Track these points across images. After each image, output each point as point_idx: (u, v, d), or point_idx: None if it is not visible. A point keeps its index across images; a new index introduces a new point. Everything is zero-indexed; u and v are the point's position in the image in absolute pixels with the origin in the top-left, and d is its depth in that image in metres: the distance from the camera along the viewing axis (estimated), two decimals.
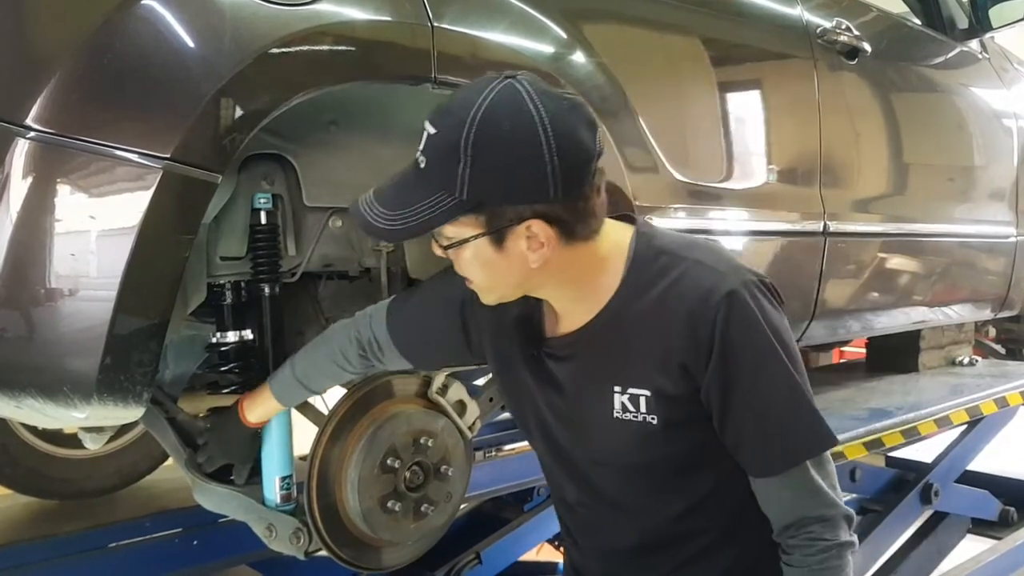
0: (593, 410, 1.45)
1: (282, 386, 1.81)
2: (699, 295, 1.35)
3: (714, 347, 1.34)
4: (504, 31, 1.90)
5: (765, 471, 1.40)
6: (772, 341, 1.35)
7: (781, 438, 1.37)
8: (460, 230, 1.32)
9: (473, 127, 1.24)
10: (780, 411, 1.37)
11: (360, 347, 1.76)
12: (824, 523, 1.38)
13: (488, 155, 1.24)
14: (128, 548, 2.56)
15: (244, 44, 1.48)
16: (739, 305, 1.34)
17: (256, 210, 1.83)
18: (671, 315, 1.36)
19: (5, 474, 2.76)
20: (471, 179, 1.25)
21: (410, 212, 1.30)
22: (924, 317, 3.56)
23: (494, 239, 1.31)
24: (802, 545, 1.38)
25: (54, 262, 1.35)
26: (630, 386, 1.40)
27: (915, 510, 3.80)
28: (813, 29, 2.84)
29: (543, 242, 1.31)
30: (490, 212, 1.29)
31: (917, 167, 3.37)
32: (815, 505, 1.38)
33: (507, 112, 1.25)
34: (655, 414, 1.39)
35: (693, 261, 1.39)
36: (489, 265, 1.35)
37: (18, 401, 1.39)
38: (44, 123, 1.32)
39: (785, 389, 1.37)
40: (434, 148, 1.28)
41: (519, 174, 1.26)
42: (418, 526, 1.89)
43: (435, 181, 1.28)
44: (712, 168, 2.50)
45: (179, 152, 1.39)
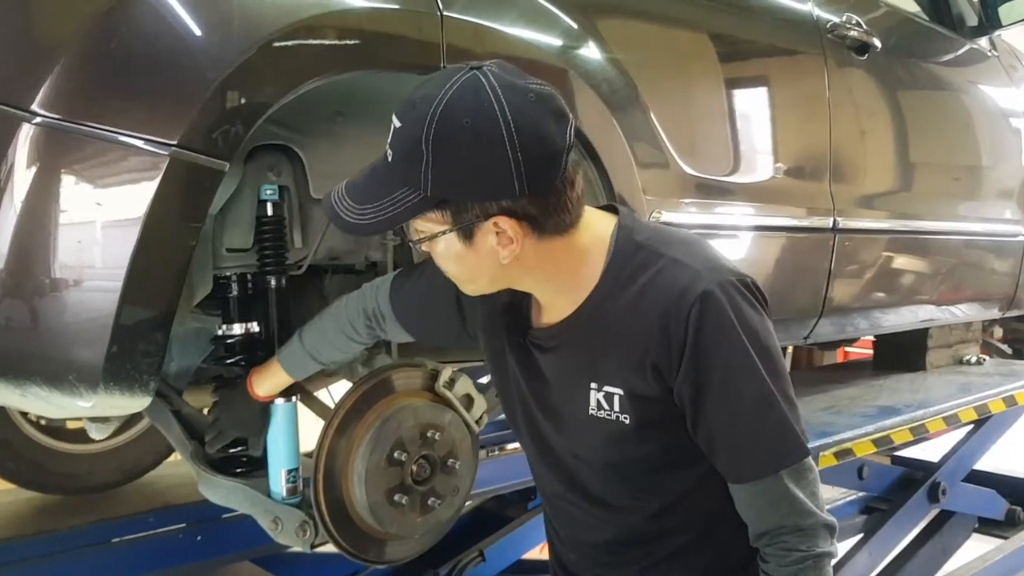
0: (572, 405, 1.43)
1: (291, 358, 1.81)
2: (673, 295, 1.31)
3: (686, 349, 1.30)
4: (514, 21, 1.89)
5: (737, 478, 1.36)
6: (746, 346, 1.31)
7: (752, 447, 1.34)
8: (428, 226, 1.30)
9: (433, 123, 1.19)
10: (750, 420, 1.33)
11: (367, 317, 1.76)
12: (800, 533, 1.34)
13: (448, 152, 1.21)
14: (131, 543, 2.56)
15: (251, 31, 1.47)
16: (713, 307, 1.29)
17: (262, 202, 1.82)
18: (646, 315, 1.32)
19: (8, 469, 2.75)
20: (434, 176, 1.22)
21: (377, 207, 1.27)
22: (932, 316, 3.54)
23: (462, 234, 1.28)
24: (777, 555, 1.35)
25: (60, 250, 1.34)
26: (605, 384, 1.38)
27: (922, 508, 3.79)
28: (823, 24, 2.82)
29: (512, 238, 1.28)
30: (455, 208, 1.26)
31: (926, 164, 3.36)
32: (790, 514, 1.34)
33: (467, 107, 1.20)
34: (628, 414, 1.36)
35: (670, 259, 1.35)
36: (461, 259, 1.33)
37: (24, 390, 1.38)
38: (50, 109, 1.31)
39: (756, 397, 1.32)
40: (399, 142, 1.25)
41: (482, 171, 1.22)
42: (425, 519, 1.87)
43: (400, 176, 1.26)
44: (723, 163, 2.49)
45: (186, 139, 1.38)
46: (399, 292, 1.73)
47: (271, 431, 1.87)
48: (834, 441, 2.85)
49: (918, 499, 3.74)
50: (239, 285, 1.88)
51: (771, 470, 1.33)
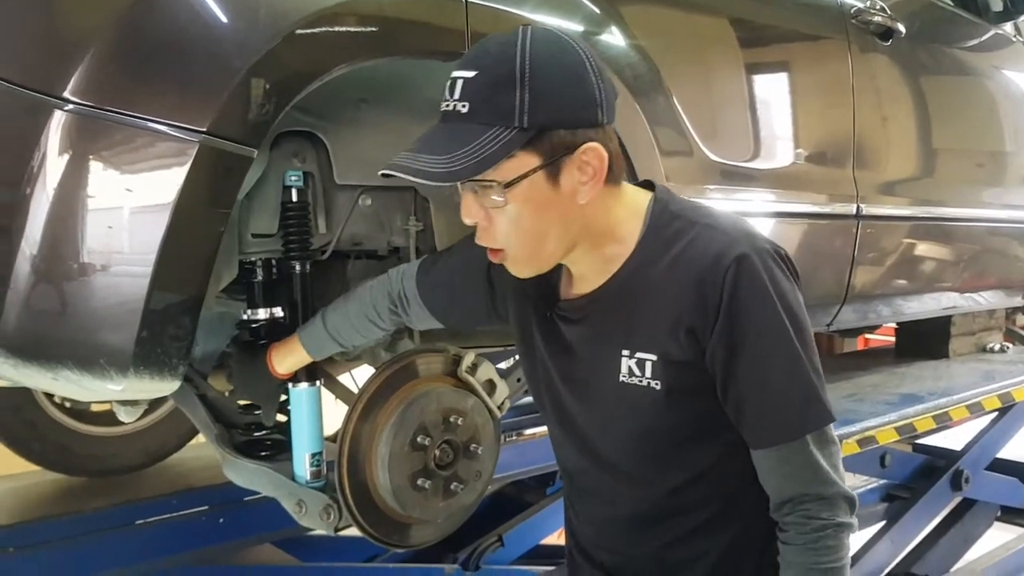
0: (601, 373, 1.44)
1: (312, 337, 1.82)
2: (710, 259, 1.33)
3: (720, 311, 1.31)
4: (537, 7, 1.89)
5: (763, 442, 1.37)
6: (779, 310, 1.32)
7: (780, 410, 1.35)
8: (520, 165, 1.27)
9: (526, 55, 1.24)
10: (780, 382, 1.34)
11: (391, 301, 1.77)
12: (821, 501, 1.35)
13: (544, 79, 1.24)
14: (155, 525, 2.58)
15: (278, 19, 1.48)
16: (749, 270, 1.31)
17: (287, 188, 1.83)
18: (682, 279, 1.34)
19: (33, 451, 2.78)
20: (531, 104, 1.24)
21: (467, 152, 1.25)
22: (955, 303, 3.52)
23: (550, 172, 1.28)
24: (797, 523, 1.36)
25: (91, 236, 1.35)
26: (638, 350, 1.38)
27: (945, 496, 3.79)
28: (848, 10, 2.81)
29: (595, 170, 1.30)
30: (548, 140, 1.27)
31: (949, 151, 3.34)
32: (813, 483, 1.35)
33: (550, 41, 1.28)
34: (660, 379, 1.37)
35: (705, 225, 1.38)
36: (541, 208, 1.31)
37: (55, 373, 1.39)
38: (82, 96, 1.31)
39: (787, 360, 1.34)
40: (479, 87, 1.26)
41: (574, 96, 1.27)
42: (447, 504, 1.88)
43: (487, 117, 1.25)
44: (746, 149, 2.48)
45: (215, 126, 1.39)
46: (426, 275, 1.75)
47: (295, 415, 1.88)
48: (857, 429, 2.85)
49: (940, 487, 3.74)
50: (264, 270, 1.89)
51: (798, 433, 1.34)
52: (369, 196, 1.99)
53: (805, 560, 1.35)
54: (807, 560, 1.35)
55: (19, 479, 2.92)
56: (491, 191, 1.29)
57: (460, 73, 1.28)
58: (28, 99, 1.31)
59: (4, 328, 1.34)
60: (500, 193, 1.29)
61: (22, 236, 1.32)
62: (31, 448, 2.77)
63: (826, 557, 1.34)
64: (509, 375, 2.05)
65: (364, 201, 1.98)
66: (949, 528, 3.90)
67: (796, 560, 1.36)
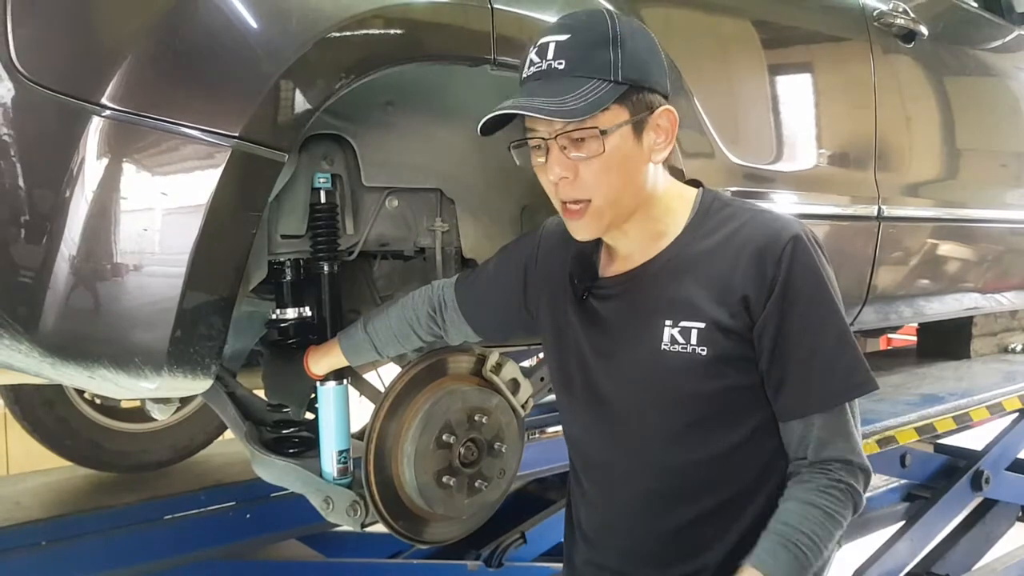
0: (636, 344, 1.49)
1: (351, 341, 1.86)
2: (768, 235, 1.42)
3: (777, 283, 1.40)
4: (561, 11, 1.89)
5: (805, 409, 1.43)
6: (828, 285, 1.42)
7: (828, 375, 1.42)
8: (610, 117, 1.38)
9: (616, 21, 1.40)
10: (831, 349, 1.42)
11: (431, 307, 1.82)
12: (847, 466, 1.42)
13: (633, 42, 1.39)
14: (183, 520, 2.62)
15: (309, 25, 1.50)
16: (803, 248, 1.41)
17: (316, 189, 1.86)
18: (737, 251, 1.43)
19: (65, 447, 2.83)
20: (624, 62, 1.37)
21: (576, 95, 1.35)
22: (976, 304, 3.52)
23: (636, 127, 1.41)
24: (817, 473, 1.43)
25: (127, 238, 1.38)
26: (683, 319, 1.45)
27: (965, 497, 3.77)
28: (870, 12, 2.81)
29: (667, 133, 1.44)
30: (635, 98, 1.39)
31: (972, 152, 3.33)
32: (844, 449, 1.43)
33: (628, 17, 1.45)
34: (706, 346, 1.43)
35: (758, 211, 1.49)
36: (626, 161, 1.41)
37: (92, 371, 1.42)
38: (119, 102, 1.34)
39: (836, 329, 1.43)
40: (573, 47, 1.38)
41: (655, 62, 1.43)
42: (472, 501, 1.91)
43: (586, 71, 1.37)
44: (767, 151, 2.49)
45: (247, 131, 1.42)
46: (464, 281, 1.82)
47: (323, 413, 1.91)
48: (877, 428, 2.85)
49: (961, 487, 3.73)
50: (292, 270, 1.92)
51: (843, 398, 1.43)
52: (396, 197, 2.02)
53: (808, 497, 1.41)
54: (810, 497, 1.41)
55: (51, 474, 2.98)
56: (584, 142, 1.39)
57: (552, 37, 1.40)
58: (67, 105, 1.34)
59: (43, 328, 1.37)
60: (598, 140, 1.38)
61: (61, 238, 1.35)
62: (63, 444, 2.82)
63: (828, 502, 1.40)
64: (533, 374, 2.07)
65: (391, 202, 2.02)
66: (970, 528, 3.88)
67: (799, 495, 1.42)
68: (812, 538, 1.38)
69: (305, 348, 1.91)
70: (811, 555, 1.38)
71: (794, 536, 1.38)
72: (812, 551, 1.38)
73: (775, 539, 1.39)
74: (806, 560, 1.37)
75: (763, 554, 1.39)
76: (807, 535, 1.38)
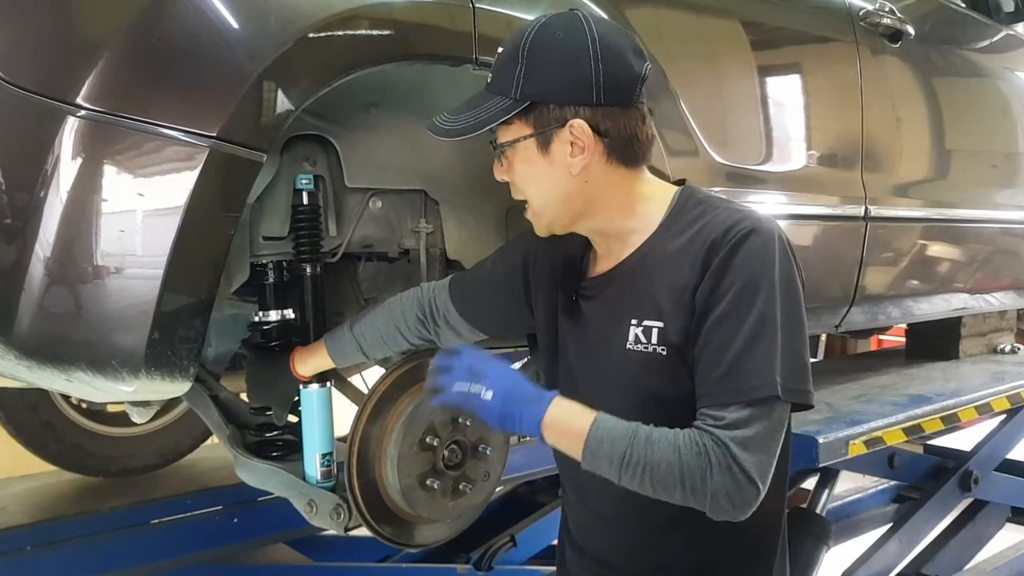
0: (609, 343, 1.49)
1: (337, 342, 1.85)
2: (724, 228, 1.40)
3: (715, 264, 1.37)
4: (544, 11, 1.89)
5: (700, 400, 1.37)
6: (773, 277, 1.36)
7: (732, 370, 1.34)
8: (512, 132, 1.43)
9: (532, 33, 1.40)
10: (744, 341, 1.34)
11: (420, 311, 1.81)
12: (721, 448, 1.32)
13: (540, 56, 1.39)
14: (169, 524, 2.62)
15: (289, 24, 1.50)
16: (755, 239, 1.37)
17: (298, 191, 1.85)
18: (697, 248, 1.41)
19: (51, 451, 2.82)
20: (524, 78, 1.39)
21: (470, 115, 1.43)
22: (965, 304, 3.51)
23: (541, 141, 1.42)
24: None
25: (103, 239, 1.37)
26: (645, 318, 1.44)
27: (954, 498, 3.77)
28: (856, 11, 2.81)
29: (584, 146, 1.41)
30: (538, 113, 1.41)
31: (960, 152, 3.33)
32: (732, 441, 1.32)
33: (562, 25, 1.41)
34: (665, 345, 1.42)
35: (727, 207, 1.46)
36: (538, 173, 1.45)
37: (68, 375, 1.41)
38: (94, 102, 1.34)
39: (759, 323, 1.34)
40: (498, 60, 1.45)
41: (567, 75, 1.39)
42: (456, 504, 1.90)
43: (495, 88, 1.43)
44: (752, 151, 2.49)
45: (225, 131, 1.41)
46: (459, 282, 1.81)
47: (305, 416, 1.90)
48: (865, 429, 2.84)
49: (950, 488, 3.72)
50: (275, 272, 1.91)
51: (741, 397, 1.33)
52: (379, 198, 2.01)
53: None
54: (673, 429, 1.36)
55: (36, 479, 2.96)
56: (504, 153, 1.46)
57: (499, 49, 1.47)
58: (42, 105, 1.33)
59: (18, 330, 1.36)
60: (500, 154, 1.47)
61: (35, 240, 1.34)
62: (48, 448, 2.80)
63: (683, 438, 1.33)
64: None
65: (374, 203, 2.01)
66: (960, 529, 3.87)
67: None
68: (650, 438, 1.34)
69: (288, 350, 1.90)
70: (636, 443, 1.34)
71: (640, 427, 1.35)
72: (639, 443, 1.33)
73: (630, 423, 1.37)
74: (628, 441, 1.34)
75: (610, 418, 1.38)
76: (650, 433, 1.34)
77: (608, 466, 1.37)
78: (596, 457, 1.37)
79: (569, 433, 1.40)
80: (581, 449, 1.38)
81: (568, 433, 1.40)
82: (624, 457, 1.35)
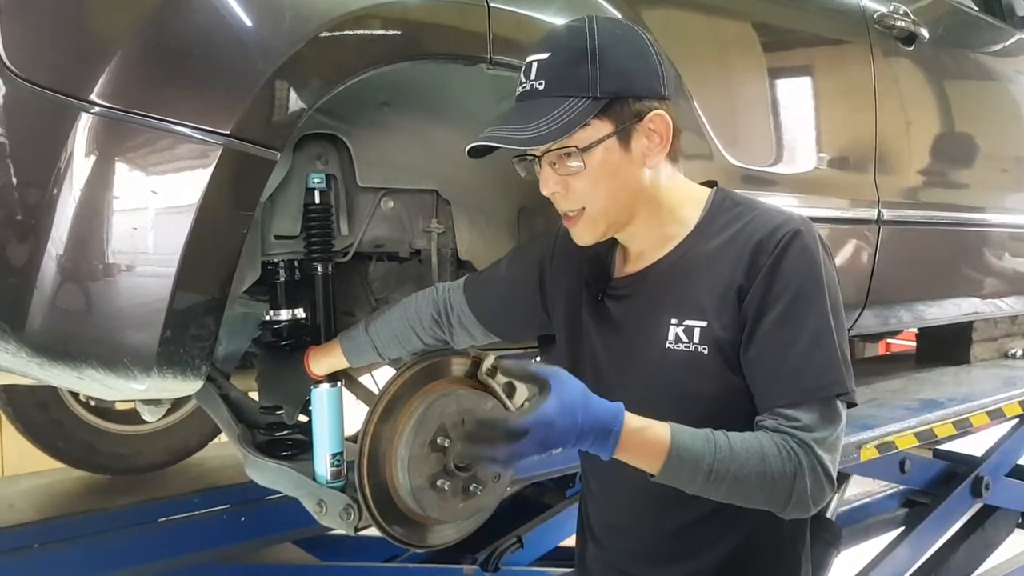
0: (645, 342, 1.49)
1: (352, 341, 1.85)
2: (768, 228, 1.41)
3: (765, 267, 1.38)
4: (559, 11, 1.89)
5: (771, 402, 1.38)
6: (821, 281, 1.39)
7: (798, 372, 1.36)
8: (591, 133, 1.40)
9: (595, 34, 1.39)
10: (805, 345, 1.37)
11: (435, 310, 1.81)
12: (804, 448, 1.34)
13: (612, 54, 1.39)
14: (177, 523, 2.60)
15: (303, 23, 1.49)
16: (802, 240, 1.39)
17: (310, 190, 1.85)
18: (740, 248, 1.42)
19: (59, 448, 2.82)
20: (602, 76, 1.38)
21: (547, 120, 1.37)
22: (976, 308, 3.50)
23: (622, 138, 1.41)
24: (772, 429, 1.37)
25: (116, 237, 1.36)
26: (687, 318, 1.44)
27: (965, 503, 3.76)
28: (870, 14, 2.80)
29: (661, 137, 1.43)
30: (619, 108, 1.40)
31: (972, 155, 3.32)
32: (811, 438, 1.34)
33: (614, 24, 1.46)
34: (707, 344, 1.42)
35: (765, 208, 1.48)
36: (614, 171, 1.42)
37: (80, 372, 1.41)
38: (108, 99, 1.33)
39: (816, 327, 1.37)
40: (552, 67, 1.40)
41: (640, 69, 1.41)
42: (466, 505, 1.89)
43: (563, 90, 1.39)
44: (765, 153, 2.48)
45: (238, 129, 1.40)
46: (474, 283, 1.81)
47: (316, 415, 1.90)
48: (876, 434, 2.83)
49: (960, 493, 3.71)
50: (286, 271, 1.91)
51: (811, 397, 1.36)
52: (391, 198, 2.01)
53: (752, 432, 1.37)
54: (755, 433, 1.36)
55: (44, 476, 2.96)
56: (570, 158, 1.41)
57: (535, 57, 1.43)
58: (56, 102, 1.33)
59: (30, 328, 1.36)
60: (578, 158, 1.41)
61: (48, 236, 1.33)
62: (56, 446, 2.80)
63: (767, 443, 1.34)
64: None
65: (386, 203, 2.00)
66: (970, 535, 3.87)
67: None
68: (732, 448, 1.33)
69: (300, 350, 1.90)
70: (719, 456, 1.32)
71: (719, 436, 1.34)
72: (722, 455, 1.32)
73: (704, 431, 1.35)
74: (711, 455, 1.32)
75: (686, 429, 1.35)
76: (730, 441, 1.33)
77: (689, 481, 1.34)
78: (676, 473, 1.33)
79: (644, 453, 1.34)
80: (659, 466, 1.33)
81: (643, 453, 1.34)
82: (710, 472, 1.32)
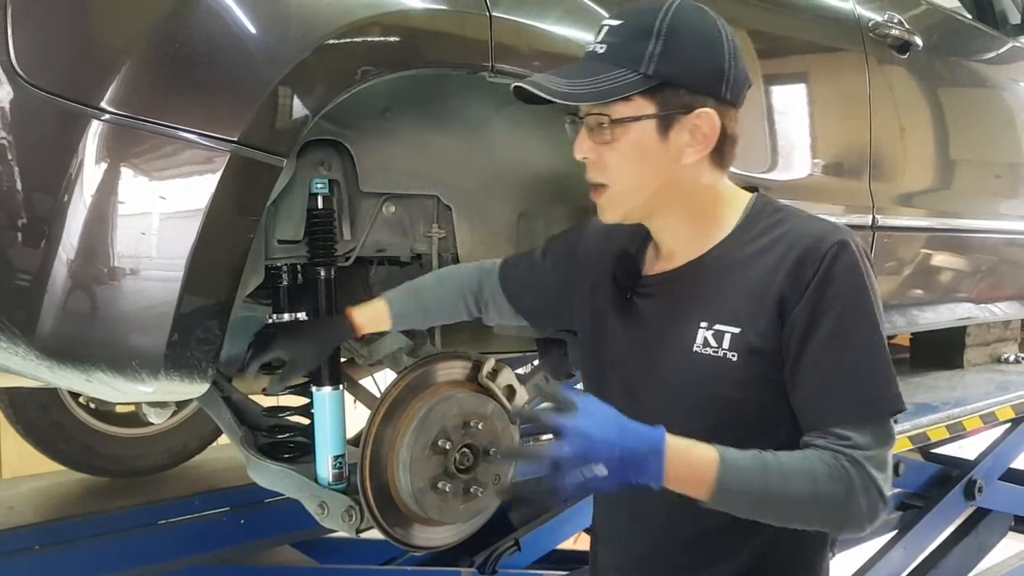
0: (671, 343, 1.46)
1: (404, 307, 1.85)
2: (814, 238, 1.37)
3: (813, 282, 1.34)
4: (559, 20, 1.91)
5: (823, 422, 1.34)
6: (869, 293, 1.35)
7: (851, 389, 1.34)
8: (631, 108, 1.37)
9: (669, 13, 1.36)
10: (860, 362, 1.34)
11: (478, 286, 1.83)
12: (856, 465, 1.30)
13: (680, 38, 1.35)
14: (177, 525, 2.62)
15: (309, 31, 1.51)
16: (849, 253, 1.35)
17: (313, 195, 1.87)
18: (782, 254, 1.38)
19: (59, 451, 2.82)
20: (660, 56, 1.34)
21: (592, 82, 1.36)
22: (970, 314, 3.52)
23: (662, 123, 1.37)
24: (822, 448, 1.33)
25: (125, 241, 1.38)
26: (718, 322, 1.40)
27: (958, 506, 3.78)
28: (865, 22, 2.83)
29: (705, 136, 1.39)
30: (668, 93, 1.36)
31: (966, 163, 3.35)
32: (862, 456, 1.31)
33: (696, 12, 1.39)
34: (737, 351, 1.38)
35: (807, 216, 1.45)
36: (645, 156, 1.39)
37: (88, 375, 1.42)
38: (117, 106, 1.35)
39: (869, 343, 1.34)
40: (620, 33, 1.38)
41: (703, 62, 1.37)
42: (467, 507, 1.91)
43: (618, 60, 1.36)
44: (761, 160, 2.50)
45: (246, 136, 1.43)
46: (507, 265, 1.83)
47: (318, 418, 1.91)
48: None
49: (954, 496, 3.73)
50: (289, 275, 1.93)
51: (866, 414, 1.34)
52: (393, 203, 2.03)
53: (801, 452, 1.34)
54: (804, 452, 1.33)
55: (44, 479, 2.97)
56: (602, 128, 1.39)
57: (609, 21, 1.41)
58: (66, 109, 1.34)
59: (40, 331, 1.37)
60: (610, 130, 1.38)
61: (59, 242, 1.35)
62: (57, 448, 2.81)
63: (818, 461, 1.30)
64: (528, 381, 2.08)
65: (388, 208, 2.02)
66: (963, 538, 3.89)
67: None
68: (783, 468, 1.29)
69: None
70: (770, 477, 1.29)
71: (767, 457, 1.31)
72: (773, 476, 1.29)
73: (750, 452, 1.31)
74: (762, 476, 1.29)
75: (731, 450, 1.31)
76: (780, 462, 1.30)
77: (740, 507, 1.32)
78: (724, 499, 1.30)
79: (692, 474, 1.29)
80: (707, 494, 1.29)
81: (691, 474, 1.29)
82: (763, 498, 1.30)
